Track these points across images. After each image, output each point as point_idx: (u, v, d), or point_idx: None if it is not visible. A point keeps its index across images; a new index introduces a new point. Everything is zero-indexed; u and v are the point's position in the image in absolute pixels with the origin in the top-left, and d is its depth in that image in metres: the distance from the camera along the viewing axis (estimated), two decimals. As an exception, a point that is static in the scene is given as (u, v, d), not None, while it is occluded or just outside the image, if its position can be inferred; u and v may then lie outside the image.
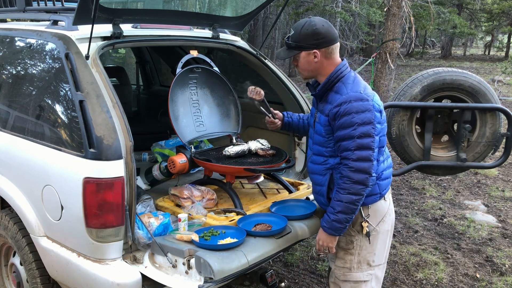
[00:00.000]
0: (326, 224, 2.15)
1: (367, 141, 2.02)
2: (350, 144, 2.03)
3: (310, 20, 2.14)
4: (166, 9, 3.13)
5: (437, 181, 5.80)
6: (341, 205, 2.06)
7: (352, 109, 2.02)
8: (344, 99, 2.05)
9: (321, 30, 2.10)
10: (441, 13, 15.45)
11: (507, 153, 3.46)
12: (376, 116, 2.07)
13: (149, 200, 2.50)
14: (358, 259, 2.25)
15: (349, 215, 2.08)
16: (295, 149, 3.39)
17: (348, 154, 2.04)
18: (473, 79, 3.43)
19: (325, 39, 2.11)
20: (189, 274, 2.07)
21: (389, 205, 2.31)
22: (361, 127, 2.02)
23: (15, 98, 2.68)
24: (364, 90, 2.09)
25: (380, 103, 2.15)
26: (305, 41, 2.12)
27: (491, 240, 4.16)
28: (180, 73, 2.94)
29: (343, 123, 2.04)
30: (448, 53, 25.91)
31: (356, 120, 2.02)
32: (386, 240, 2.31)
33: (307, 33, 2.11)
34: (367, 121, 2.02)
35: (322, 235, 2.20)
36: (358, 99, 2.04)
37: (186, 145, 2.89)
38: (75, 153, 2.17)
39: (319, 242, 2.22)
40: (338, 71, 2.15)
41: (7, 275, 2.91)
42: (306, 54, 2.15)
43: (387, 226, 2.29)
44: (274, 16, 16.33)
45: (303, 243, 3.91)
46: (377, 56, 9.11)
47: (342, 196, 2.06)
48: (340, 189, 2.07)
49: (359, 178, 2.03)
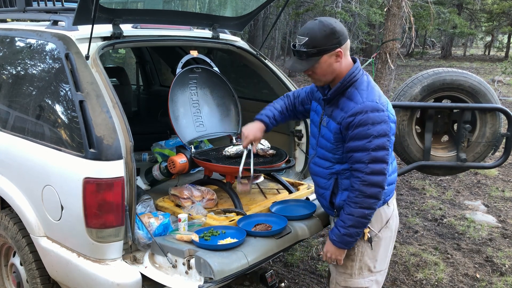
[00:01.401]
0: (336, 237, 2.09)
1: (381, 154, 1.95)
2: (364, 156, 1.95)
3: (321, 20, 2.00)
4: (166, 9, 3.13)
5: (437, 181, 5.80)
6: (352, 219, 2.01)
7: (368, 120, 1.93)
8: (360, 108, 1.95)
9: (337, 27, 1.98)
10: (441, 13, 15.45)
11: (507, 153, 3.46)
12: (392, 128, 2.00)
13: (149, 200, 2.50)
14: (360, 265, 2.19)
15: (360, 229, 2.04)
16: (295, 149, 3.39)
17: (361, 167, 1.96)
18: (473, 79, 3.43)
19: (344, 35, 2.00)
20: (189, 274, 2.07)
21: (393, 211, 2.24)
22: (377, 140, 1.93)
23: (15, 98, 2.68)
24: (380, 99, 2.00)
25: (393, 113, 2.08)
26: (327, 43, 1.97)
27: (491, 240, 4.16)
28: (180, 73, 2.94)
29: (358, 134, 1.95)
30: (448, 53, 25.91)
31: (372, 132, 1.93)
32: (388, 246, 2.26)
33: (327, 34, 1.96)
34: (383, 133, 1.94)
35: (330, 247, 2.14)
36: (375, 109, 1.95)
37: (186, 145, 2.89)
38: (75, 153, 2.17)
39: (327, 254, 2.17)
40: (352, 74, 2.04)
41: (7, 275, 2.91)
42: (328, 57, 2.00)
43: (389, 232, 2.23)
44: (274, 16, 16.34)
45: (303, 243, 3.91)
46: (377, 56, 9.11)
47: (354, 210, 1.99)
48: (351, 202, 2.00)
49: (372, 192, 1.96)
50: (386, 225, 2.20)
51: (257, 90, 3.77)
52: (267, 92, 3.56)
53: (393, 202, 2.25)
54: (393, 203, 2.26)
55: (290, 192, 2.90)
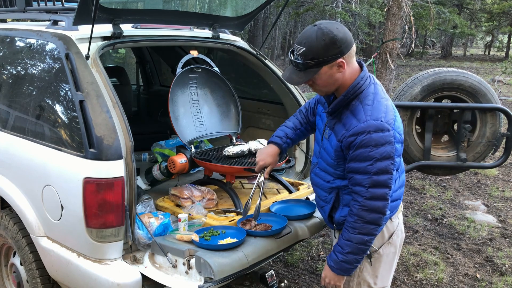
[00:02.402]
0: (334, 264, 1.94)
1: (384, 178, 1.78)
2: (364, 180, 1.79)
3: (321, 28, 1.78)
4: (166, 9, 3.13)
5: (437, 181, 5.80)
6: (350, 246, 1.86)
7: (371, 142, 1.76)
8: (362, 128, 1.78)
9: (339, 34, 1.77)
10: (441, 13, 15.44)
11: (507, 153, 3.46)
12: (397, 149, 1.82)
13: (149, 200, 2.50)
14: (358, 281, 2.08)
15: (359, 256, 1.88)
16: (295, 149, 3.38)
17: (361, 191, 1.81)
18: (473, 79, 3.43)
19: (346, 43, 1.79)
20: (189, 274, 2.07)
21: (397, 226, 2.08)
22: (379, 163, 1.77)
23: (15, 98, 2.68)
24: (386, 116, 1.80)
25: (401, 130, 1.89)
26: (326, 54, 1.78)
27: (491, 240, 4.16)
28: (180, 73, 2.94)
29: (359, 155, 1.79)
30: (448, 53, 25.91)
31: (374, 154, 1.76)
32: (392, 262, 2.11)
33: (326, 43, 1.76)
34: (387, 155, 1.77)
35: (329, 273, 1.98)
36: (379, 129, 1.77)
37: (186, 145, 2.89)
38: (75, 153, 2.17)
39: (325, 280, 2.01)
40: (356, 86, 1.85)
41: (7, 275, 2.91)
42: (329, 68, 1.81)
43: (393, 248, 2.08)
44: (274, 16, 16.33)
45: (303, 243, 3.91)
46: (377, 56, 9.11)
47: (352, 236, 1.84)
48: (350, 228, 1.85)
49: (372, 218, 1.81)
50: (389, 241, 2.06)
51: (257, 90, 3.77)
52: (267, 92, 3.56)
53: (398, 216, 2.09)
54: (398, 217, 2.10)
55: (290, 192, 2.90)
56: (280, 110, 3.44)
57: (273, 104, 3.54)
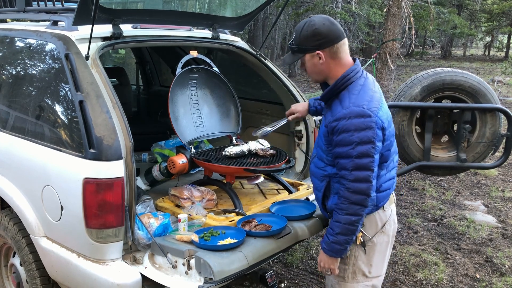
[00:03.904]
0: (326, 245, 2.05)
1: (365, 161, 1.89)
2: (347, 163, 1.92)
3: (310, 20, 2.01)
4: (166, 9, 3.13)
5: (437, 181, 5.80)
6: (340, 226, 1.97)
7: (351, 127, 1.89)
8: (344, 114, 1.91)
9: (321, 29, 1.96)
10: (441, 14, 15.44)
11: (507, 153, 3.46)
12: (378, 135, 1.91)
13: (149, 200, 2.50)
14: (353, 269, 2.15)
15: (348, 236, 1.98)
16: (295, 149, 3.39)
17: (346, 174, 1.93)
18: (473, 80, 3.43)
19: (327, 38, 1.97)
20: (189, 274, 2.07)
21: (390, 215, 2.18)
22: (360, 147, 1.88)
23: (15, 99, 2.68)
24: (369, 104, 1.92)
25: (385, 118, 1.98)
26: (307, 43, 1.99)
27: (491, 240, 4.16)
28: (180, 73, 2.94)
29: (341, 140, 1.91)
30: (448, 54, 25.92)
31: (354, 138, 1.88)
32: (385, 251, 2.20)
33: (307, 34, 1.98)
34: (367, 140, 1.88)
35: (322, 256, 2.09)
36: (359, 115, 1.89)
37: (186, 146, 2.89)
38: (75, 153, 2.17)
39: (320, 264, 2.12)
40: (346, 77, 2.00)
41: (7, 275, 2.91)
42: (311, 57, 2.02)
43: (386, 237, 2.17)
44: (274, 17, 16.34)
45: (303, 243, 3.91)
46: (377, 56, 9.11)
47: (340, 217, 1.96)
48: (338, 209, 1.98)
49: (356, 199, 1.92)
50: (382, 230, 2.15)
51: (257, 90, 3.77)
52: (267, 93, 3.56)
53: (390, 206, 2.19)
54: (391, 207, 2.20)
55: (290, 192, 2.90)
56: (280, 110, 3.44)
57: (273, 104, 3.54)
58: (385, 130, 1.97)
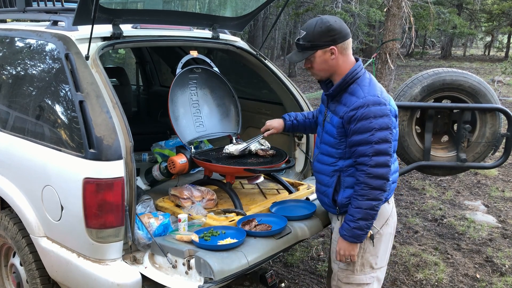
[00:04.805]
0: (346, 232, 2.11)
1: (384, 146, 2.00)
2: (367, 149, 2.01)
3: (322, 18, 2.11)
4: (166, 9, 3.13)
5: (437, 181, 5.80)
6: (361, 212, 2.04)
7: (370, 114, 2.00)
8: (362, 102, 2.02)
9: (335, 25, 2.07)
10: (441, 13, 15.44)
11: (507, 153, 3.46)
12: (393, 121, 2.05)
13: (149, 200, 2.50)
14: (362, 262, 2.22)
15: (369, 221, 2.07)
16: (295, 149, 3.38)
17: (366, 160, 2.02)
18: (473, 80, 3.43)
19: (340, 34, 2.08)
20: (189, 274, 2.07)
21: (392, 208, 2.29)
22: (379, 133, 1.99)
23: (15, 99, 2.68)
24: (381, 94, 2.07)
25: (395, 108, 2.13)
26: (321, 39, 2.08)
27: (491, 240, 4.16)
28: (180, 73, 2.94)
29: (360, 127, 2.01)
30: (448, 54, 25.91)
31: (374, 125, 1.99)
32: (388, 242, 2.30)
33: (322, 30, 2.07)
34: (385, 126, 2.00)
35: (343, 243, 2.15)
36: (376, 103, 2.01)
37: (186, 146, 2.89)
38: (75, 153, 2.17)
39: (340, 252, 2.17)
40: (354, 72, 2.12)
41: (7, 275, 2.91)
42: (323, 53, 2.10)
43: (390, 229, 2.27)
44: (274, 17, 16.34)
45: (303, 243, 3.91)
46: (377, 56, 9.11)
47: (361, 203, 2.04)
48: (358, 195, 2.05)
49: (377, 184, 2.01)
50: (386, 222, 2.24)
51: (257, 90, 3.77)
52: (267, 92, 3.56)
53: (392, 200, 2.30)
54: (392, 201, 2.31)
55: (290, 192, 2.90)
56: (280, 111, 3.43)
57: (273, 104, 3.54)
58: (396, 118, 2.11)
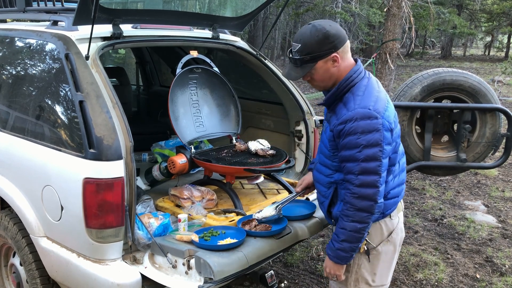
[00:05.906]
0: (331, 252, 1.99)
1: (372, 165, 1.81)
2: (354, 167, 1.84)
3: (314, 25, 1.90)
4: (166, 9, 3.13)
5: (437, 181, 5.80)
6: (345, 233, 1.90)
7: (358, 129, 1.81)
8: (350, 116, 1.83)
9: (331, 30, 1.87)
10: (441, 13, 15.45)
11: (507, 153, 3.46)
12: (385, 137, 1.84)
13: (149, 200, 2.50)
14: (356, 277, 2.09)
15: (354, 244, 1.91)
16: (295, 149, 3.39)
17: (352, 178, 1.85)
18: (473, 80, 3.43)
19: (339, 39, 1.89)
20: (189, 274, 2.07)
21: (397, 224, 2.09)
22: (367, 150, 1.80)
23: (15, 99, 2.68)
24: (375, 105, 1.85)
25: (391, 119, 1.90)
26: (321, 49, 1.87)
27: (491, 240, 4.16)
28: (180, 73, 2.94)
29: (348, 143, 1.84)
30: (448, 54, 25.92)
31: (361, 141, 1.80)
32: (391, 260, 2.13)
33: (320, 38, 1.86)
34: (374, 142, 1.80)
35: (328, 262, 2.03)
36: (366, 117, 1.81)
37: (186, 146, 2.89)
38: (75, 153, 2.17)
39: (326, 270, 2.06)
40: (349, 79, 1.92)
41: (7, 275, 2.91)
42: (324, 63, 1.90)
43: (392, 246, 2.09)
44: (274, 17, 16.34)
45: (303, 243, 3.91)
46: (377, 56, 9.11)
47: (346, 224, 1.89)
48: (343, 215, 1.90)
49: (362, 205, 1.84)
50: (388, 239, 2.07)
51: (257, 90, 3.77)
52: (267, 92, 3.56)
53: (398, 215, 2.11)
54: (398, 215, 2.11)
55: (290, 192, 2.90)
56: (280, 111, 3.44)
57: (273, 104, 3.54)
58: (392, 131, 1.90)
